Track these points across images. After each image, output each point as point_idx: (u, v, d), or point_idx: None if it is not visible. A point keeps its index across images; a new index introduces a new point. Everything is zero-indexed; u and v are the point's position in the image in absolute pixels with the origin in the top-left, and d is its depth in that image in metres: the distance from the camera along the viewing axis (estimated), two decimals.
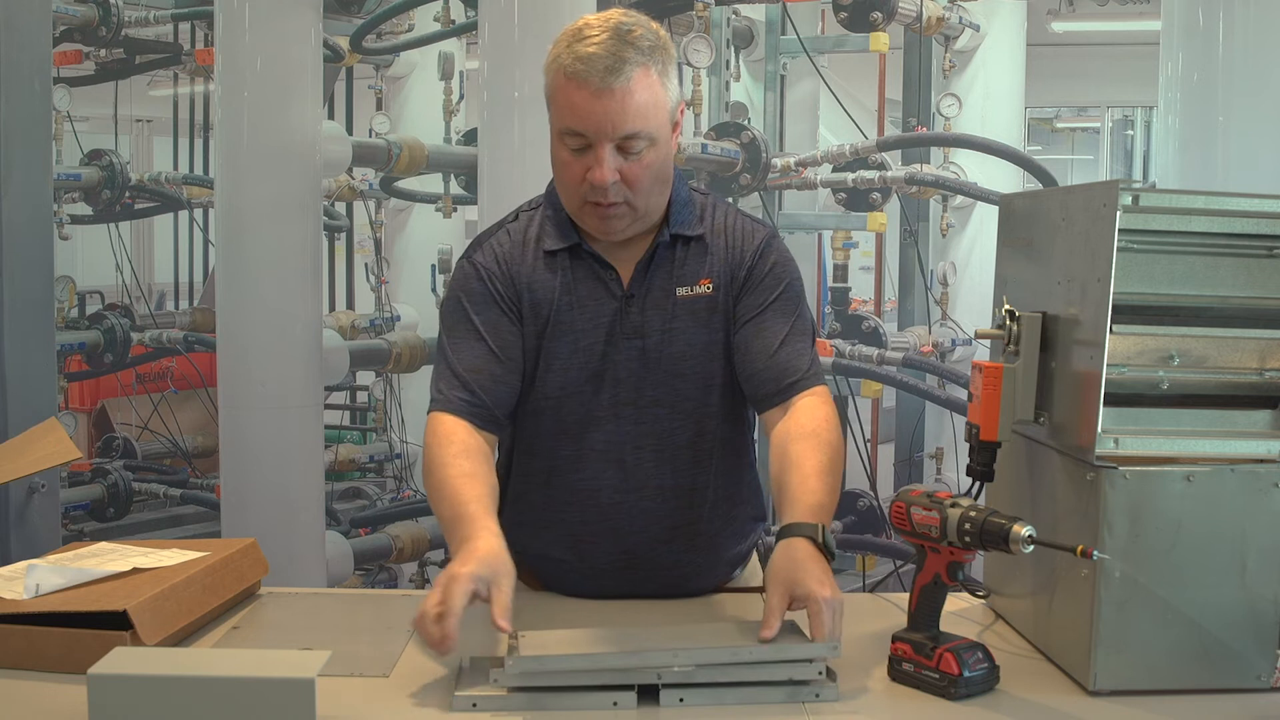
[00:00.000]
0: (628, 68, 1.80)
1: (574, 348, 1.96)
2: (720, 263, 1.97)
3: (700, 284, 1.96)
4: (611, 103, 1.80)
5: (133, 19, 5.67)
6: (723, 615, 2.02)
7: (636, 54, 1.81)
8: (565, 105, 1.82)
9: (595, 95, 1.79)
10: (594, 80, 1.79)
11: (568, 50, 1.82)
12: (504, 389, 1.95)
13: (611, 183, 1.84)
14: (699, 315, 1.96)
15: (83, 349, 5.63)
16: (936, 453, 6.08)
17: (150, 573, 1.87)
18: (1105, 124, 13.82)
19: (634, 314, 1.95)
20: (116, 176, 5.74)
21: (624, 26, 1.83)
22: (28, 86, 3.15)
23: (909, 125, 6.01)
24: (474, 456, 1.86)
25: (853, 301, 5.78)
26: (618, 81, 1.79)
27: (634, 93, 1.80)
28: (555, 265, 1.96)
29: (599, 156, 1.82)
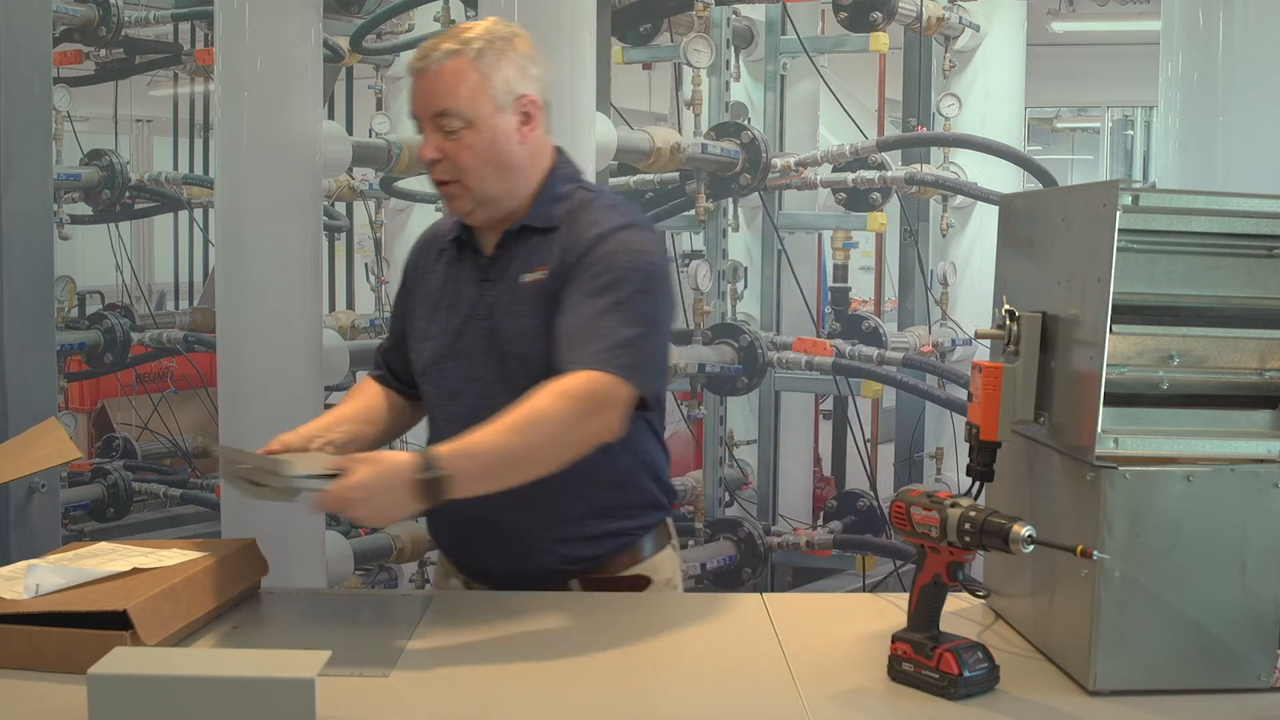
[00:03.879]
0: (438, 54, 2.02)
1: (444, 326, 2.14)
2: (559, 251, 2.06)
3: (538, 270, 2.07)
4: (424, 83, 2.04)
5: (133, 19, 5.67)
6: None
7: (455, 44, 2.03)
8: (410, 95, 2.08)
9: (417, 77, 2.05)
10: (416, 65, 2.05)
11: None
12: (400, 362, 2.25)
13: (434, 160, 2.04)
14: (534, 301, 2.06)
15: (83, 349, 5.62)
16: (936, 453, 6.08)
17: (150, 573, 1.87)
18: (1105, 124, 13.83)
19: (488, 296, 2.10)
20: (116, 176, 5.74)
21: (464, 27, 2.07)
22: (28, 86, 3.15)
23: (909, 125, 6.01)
24: (357, 396, 2.24)
25: (853, 301, 5.79)
26: (430, 64, 2.03)
27: (442, 75, 2.02)
28: (451, 252, 2.17)
29: (426, 136, 2.05)
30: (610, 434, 1.94)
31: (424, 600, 2.04)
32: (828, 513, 5.63)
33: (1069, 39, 10.22)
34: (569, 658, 1.84)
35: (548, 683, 1.75)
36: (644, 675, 1.79)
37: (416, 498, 1.80)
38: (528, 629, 1.93)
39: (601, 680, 1.76)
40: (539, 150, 2.11)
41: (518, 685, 1.73)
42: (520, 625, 1.95)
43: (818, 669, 1.77)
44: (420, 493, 1.80)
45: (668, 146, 4.72)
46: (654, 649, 1.89)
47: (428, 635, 1.89)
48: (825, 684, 1.71)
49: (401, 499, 1.80)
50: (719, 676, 1.77)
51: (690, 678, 1.77)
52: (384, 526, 1.75)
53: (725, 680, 1.76)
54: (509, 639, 1.92)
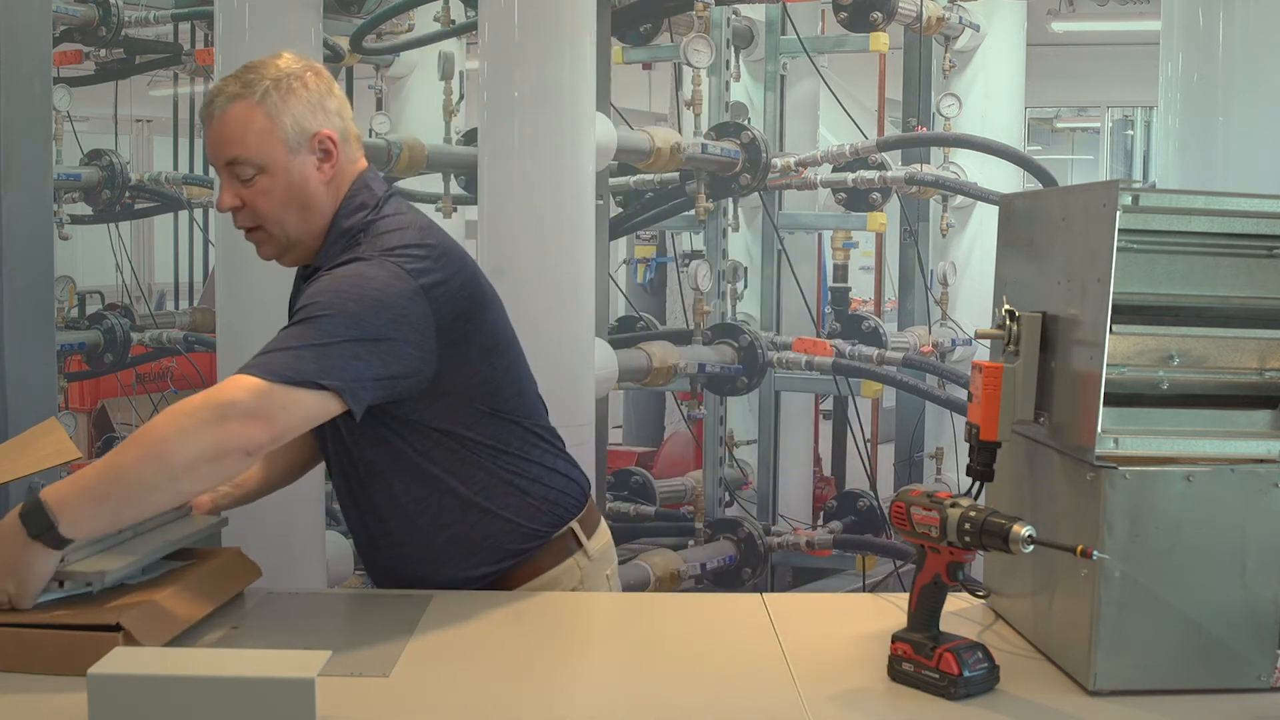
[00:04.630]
0: (222, 98, 1.96)
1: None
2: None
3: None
4: (212, 130, 1.97)
5: (133, 19, 5.67)
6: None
7: (238, 86, 1.96)
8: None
9: (206, 123, 2.00)
10: (204, 110, 2.00)
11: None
12: None
13: (233, 208, 1.98)
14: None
15: (83, 349, 5.62)
16: (936, 453, 6.09)
17: (139, 587, 1.85)
18: (1105, 124, 13.83)
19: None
20: (116, 176, 5.74)
21: (249, 67, 1.98)
22: (28, 86, 3.14)
23: (909, 125, 6.01)
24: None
25: (853, 301, 5.79)
26: (214, 109, 1.97)
27: (227, 121, 1.95)
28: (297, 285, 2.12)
29: (223, 183, 1.99)
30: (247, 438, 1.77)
31: (424, 600, 2.04)
32: (828, 513, 5.63)
33: (1069, 39, 10.22)
34: (569, 658, 1.85)
35: (547, 683, 1.75)
36: (644, 675, 1.79)
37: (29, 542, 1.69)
38: (528, 629, 1.93)
39: (601, 680, 1.76)
40: (341, 183, 2.02)
41: (518, 685, 1.73)
42: (520, 625, 1.95)
43: (818, 669, 1.76)
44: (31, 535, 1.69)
45: (668, 146, 4.72)
46: (654, 649, 1.89)
47: (428, 635, 1.89)
48: (825, 684, 1.70)
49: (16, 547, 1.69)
50: (719, 676, 1.77)
51: (690, 678, 1.77)
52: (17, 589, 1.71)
53: (725, 680, 1.76)
54: (509, 639, 1.92)
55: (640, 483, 5.60)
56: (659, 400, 7.74)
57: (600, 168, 3.98)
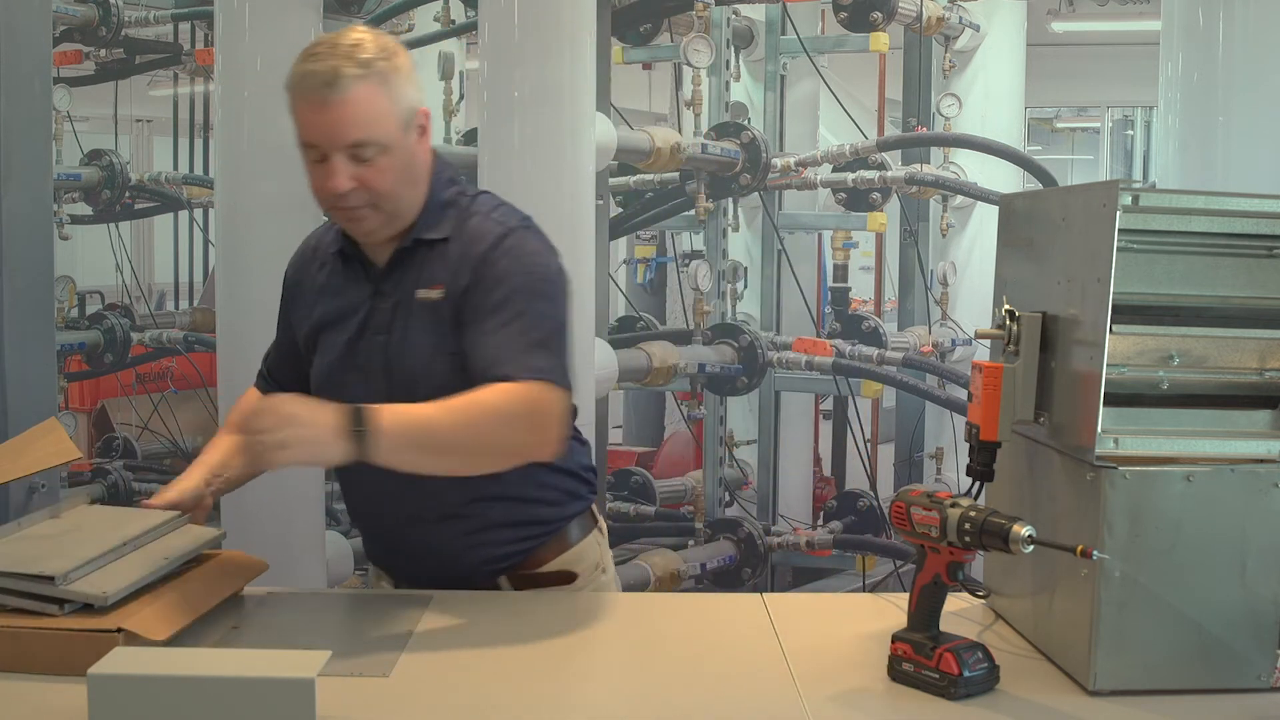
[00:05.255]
0: (342, 81, 1.91)
1: (336, 340, 2.09)
2: (453, 268, 2.02)
3: (434, 288, 2.02)
4: (328, 115, 1.92)
5: (133, 19, 5.66)
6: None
7: (357, 67, 1.92)
8: (299, 122, 1.96)
9: (311, 108, 1.93)
10: (314, 93, 1.92)
11: (295, 67, 1.96)
12: (288, 374, 2.20)
13: (349, 190, 1.95)
14: (429, 319, 2.02)
15: (83, 349, 5.62)
16: (936, 453, 6.09)
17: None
18: (1105, 124, 13.83)
19: (382, 311, 2.05)
20: (116, 176, 5.74)
21: (346, 42, 1.95)
22: (28, 86, 3.14)
23: (909, 125, 6.01)
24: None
25: (853, 301, 5.79)
26: (335, 95, 1.91)
27: (351, 104, 1.92)
28: (336, 264, 2.12)
29: (333, 166, 1.95)
30: (548, 451, 1.90)
31: (424, 600, 2.04)
32: (828, 513, 5.63)
33: (1069, 39, 10.22)
34: (569, 658, 1.85)
35: (548, 683, 1.75)
36: (644, 675, 1.79)
37: (341, 445, 1.76)
38: (527, 629, 1.93)
39: (602, 680, 1.76)
40: (428, 157, 2.08)
41: (518, 685, 1.73)
42: (520, 625, 1.95)
43: (818, 669, 1.77)
44: (346, 441, 1.76)
45: (668, 146, 4.72)
46: (654, 649, 1.89)
47: (428, 635, 1.89)
48: (825, 684, 1.71)
49: (327, 440, 1.75)
50: (719, 676, 1.77)
51: (690, 678, 1.77)
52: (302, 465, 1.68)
53: (725, 680, 1.76)
54: (509, 639, 1.92)
55: (640, 483, 5.60)
56: (659, 400, 7.74)
57: (600, 168, 3.98)
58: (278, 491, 3.73)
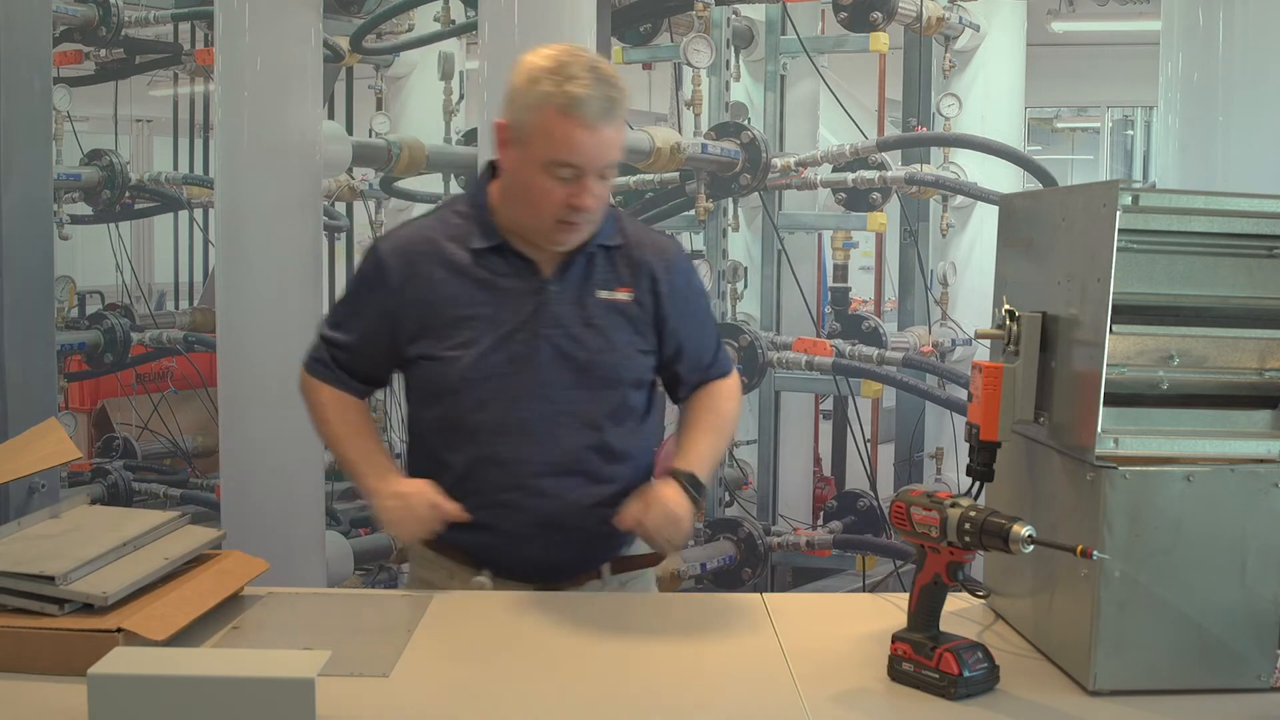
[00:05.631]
0: (615, 108, 2.04)
1: (495, 335, 2.12)
2: (639, 274, 2.18)
3: (620, 290, 2.17)
4: (602, 140, 2.03)
5: (133, 19, 5.67)
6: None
7: (617, 93, 2.05)
8: (561, 140, 2.01)
9: (590, 132, 2.01)
10: (591, 119, 2.01)
11: (559, 90, 2.00)
12: (365, 365, 2.24)
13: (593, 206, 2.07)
14: (619, 318, 2.17)
15: (83, 349, 5.62)
16: (936, 453, 6.08)
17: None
18: (1105, 124, 13.83)
19: (553, 307, 2.14)
20: (116, 176, 5.73)
21: (597, 66, 2.04)
22: (28, 86, 3.14)
23: (909, 125, 6.01)
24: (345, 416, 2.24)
25: (853, 301, 5.78)
26: (610, 120, 2.03)
27: (617, 130, 2.07)
28: (477, 262, 2.14)
29: (586, 185, 2.04)
30: None
31: (424, 600, 2.04)
32: (828, 513, 5.62)
33: (1069, 39, 10.22)
34: (568, 657, 1.85)
35: (548, 683, 1.75)
36: (644, 675, 1.79)
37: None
38: (527, 629, 1.93)
39: (601, 680, 1.76)
40: None
41: (518, 685, 1.74)
42: (520, 625, 1.95)
43: (818, 669, 1.77)
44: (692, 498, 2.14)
45: (668, 146, 4.72)
46: (654, 649, 1.89)
47: (428, 635, 1.89)
48: (825, 684, 1.71)
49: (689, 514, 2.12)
50: (719, 676, 1.78)
51: (690, 678, 1.77)
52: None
53: (725, 680, 1.76)
54: (509, 639, 1.92)
55: None
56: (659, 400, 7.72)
57: None
58: (278, 491, 3.74)
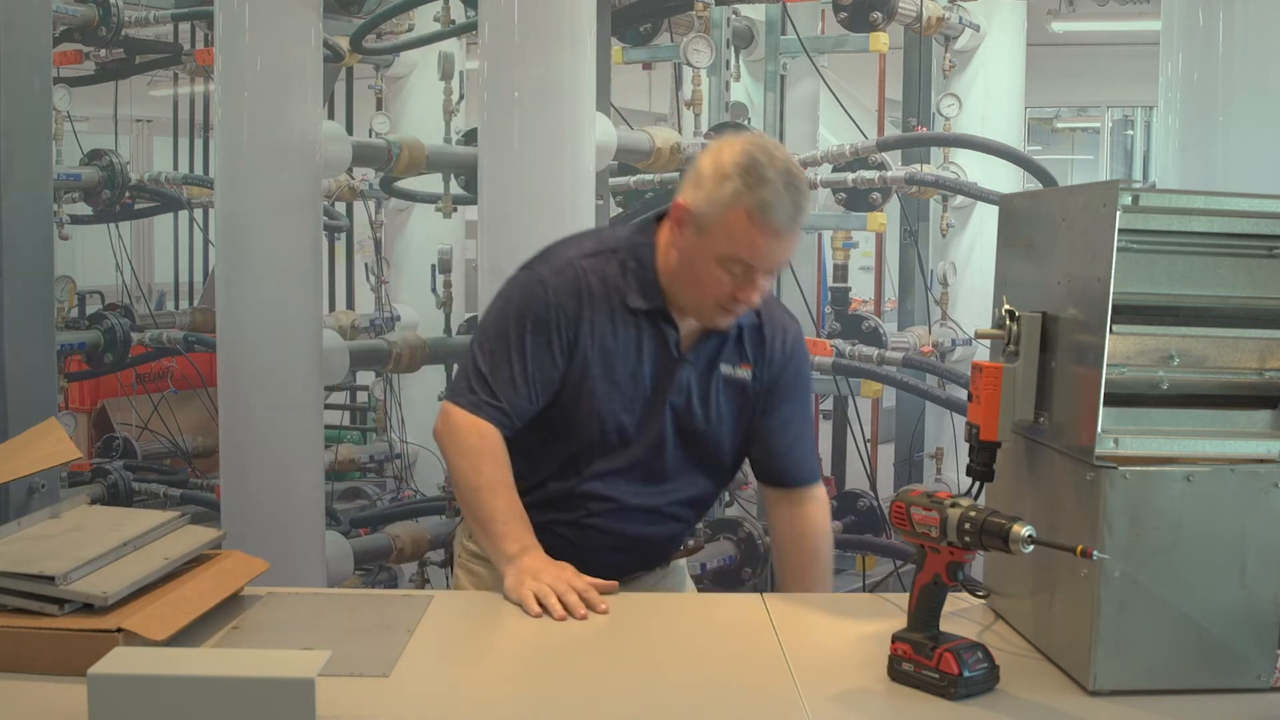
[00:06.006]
0: (801, 214, 2.07)
1: (630, 391, 2.18)
2: (762, 351, 2.25)
3: (742, 367, 2.23)
4: (784, 245, 2.08)
5: (133, 19, 5.66)
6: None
7: (804, 199, 2.07)
8: (743, 241, 2.04)
9: (774, 238, 2.05)
10: (777, 227, 2.04)
11: (751, 194, 2.02)
12: (526, 407, 2.16)
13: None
14: (734, 392, 2.23)
15: (83, 349, 5.62)
16: (936, 453, 6.08)
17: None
18: (1105, 124, 13.83)
19: (680, 377, 2.19)
20: (116, 176, 5.73)
21: (790, 170, 2.06)
22: (28, 86, 3.14)
23: (909, 125, 6.01)
24: (504, 463, 2.14)
25: (853, 301, 5.78)
26: (793, 229, 2.07)
27: (797, 237, 2.10)
28: (630, 318, 2.17)
29: (755, 283, 2.09)
30: None
31: (424, 600, 2.04)
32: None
33: (1069, 39, 10.22)
34: (569, 657, 1.85)
35: (547, 683, 1.75)
36: (644, 675, 1.79)
37: None
38: (528, 629, 1.93)
39: (601, 680, 1.76)
40: None
41: (518, 685, 1.74)
42: (520, 625, 1.95)
43: (818, 669, 1.77)
44: None
45: (668, 146, 4.72)
46: (654, 649, 1.89)
47: (428, 635, 1.89)
48: (825, 684, 1.71)
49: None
50: (719, 676, 1.77)
51: (690, 678, 1.77)
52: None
53: (725, 680, 1.76)
54: (509, 639, 1.92)
55: None
56: None
57: (600, 168, 3.98)
58: (278, 491, 3.74)
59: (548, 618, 1.95)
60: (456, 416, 2.15)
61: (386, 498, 6.00)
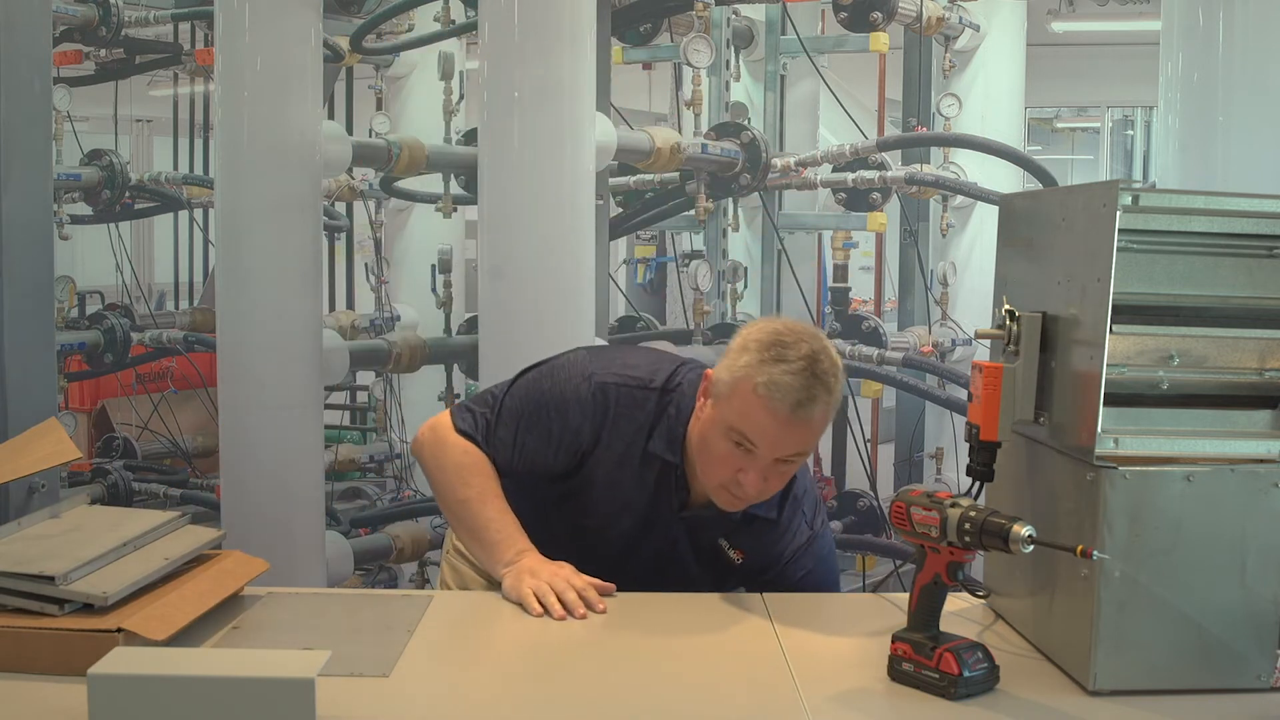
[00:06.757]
0: (813, 404, 1.93)
1: (627, 523, 2.16)
2: (762, 550, 2.17)
3: (735, 553, 2.16)
4: (793, 433, 1.95)
5: (133, 19, 5.66)
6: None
7: (825, 392, 1.94)
8: (748, 418, 1.95)
9: (778, 421, 1.93)
10: (782, 411, 1.93)
11: (762, 368, 1.94)
12: (505, 469, 2.15)
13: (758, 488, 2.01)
14: (719, 564, 2.18)
15: (83, 349, 5.62)
16: (936, 453, 6.08)
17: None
18: (1105, 124, 13.82)
19: (678, 528, 2.16)
20: (116, 176, 5.73)
21: (815, 354, 1.95)
22: (28, 86, 3.14)
23: (909, 125, 6.01)
24: (493, 476, 2.13)
25: (853, 301, 5.78)
26: (803, 416, 1.93)
27: (810, 427, 1.96)
28: (647, 459, 2.13)
29: (757, 466, 1.98)
30: None
31: (424, 600, 2.04)
32: (828, 513, 5.62)
33: (1069, 39, 10.21)
34: (569, 657, 1.85)
35: (547, 683, 1.75)
36: (644, 675, 1.79)
37: None
38: (528, 629, 1.93)
39: (601, 680, 1.76)
40: None
41: (518, 685, 1.74)
42: (520, 625, 1.95)
43: (818, 669, 1.77)
44: None
45: (668, 146, 4.72)
46: (654, 649, 1.89)
47: (428, 635, 1.89)
48: (825, 684, 1.71)
49: None
50: (719, 676, 1.77)
51: (690, 677, 1.77)
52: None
53: (725, 680, 1.76)
54: (509, 639, 1.92)
55: None
56: None
57: (600, 168, 3.98)
58: (278, 491, 3.73)
59: (548, 617, 1.95)
60: (445, 434, 2.14)
61: (386, 498, 6.00)
